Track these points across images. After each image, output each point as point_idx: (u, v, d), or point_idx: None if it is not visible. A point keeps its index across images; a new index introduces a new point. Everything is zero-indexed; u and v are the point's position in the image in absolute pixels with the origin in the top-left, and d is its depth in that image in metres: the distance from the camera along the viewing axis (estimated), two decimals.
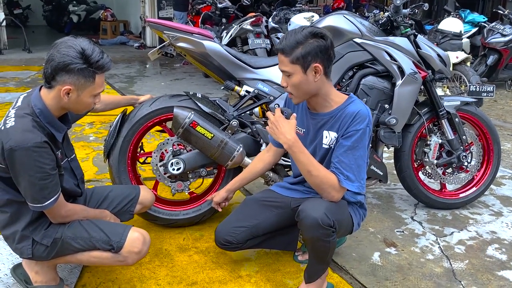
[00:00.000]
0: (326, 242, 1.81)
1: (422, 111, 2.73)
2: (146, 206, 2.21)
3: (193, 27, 2.59)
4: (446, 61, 2.69)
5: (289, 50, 1.77)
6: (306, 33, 1.77)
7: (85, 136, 4.21)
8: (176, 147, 2.44)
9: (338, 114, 1.85)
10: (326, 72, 1.81)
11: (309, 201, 1.87)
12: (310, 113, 1.95)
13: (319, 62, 1.77)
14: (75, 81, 1.64)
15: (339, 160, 1.81)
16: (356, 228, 2.02)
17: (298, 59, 1.76)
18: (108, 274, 2.13)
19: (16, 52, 9.38)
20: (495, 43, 6.29)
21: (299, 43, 1.76)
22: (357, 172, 1.81)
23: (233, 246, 2.11)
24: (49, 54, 1.64)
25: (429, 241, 2.55)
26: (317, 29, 1.79)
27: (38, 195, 1.66)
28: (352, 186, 1.81)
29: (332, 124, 1.87)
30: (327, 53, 1.78)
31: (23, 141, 1.59)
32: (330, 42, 1.78)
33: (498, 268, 2.31)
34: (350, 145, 1.80)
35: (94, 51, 1.65)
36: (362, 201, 2.00)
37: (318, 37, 1.76)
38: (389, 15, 2.59)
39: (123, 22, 12.88)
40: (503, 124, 5.13)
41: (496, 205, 3.05)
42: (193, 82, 7.07)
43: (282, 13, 6.65)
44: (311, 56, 1.75)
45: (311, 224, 1.78)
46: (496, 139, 2.91)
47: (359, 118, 1.80)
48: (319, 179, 1.81)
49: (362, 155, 1.82)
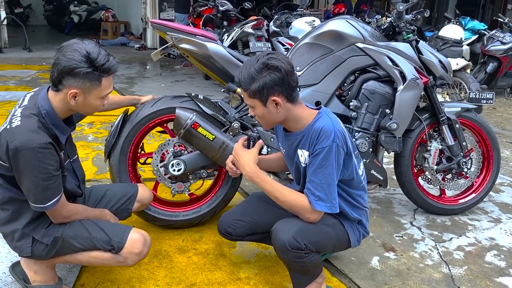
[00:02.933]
0: (300, 262, 1.81)
1: (422, 116, 2.74)
2: (144, 204, 2.20)
3: (196, 29, 2.59)
4: (448, 67, 2.70)
5: (245, 84, 1.73)
6: (260, 66, 1.69)
7: (85, 136, 4.21)
8: (177, 148, 2.44)
9: (307, 132, 1.79)
10: (289, 100, 1.74)
11: (283, 221, 1.85)
12: (285, 134, 1.91)
13: (276, 95, 1.71)
14: (81, 85, 1.65)
15: (310, 180, 1.77)
16: (355, 244, 1.97)
17: (255, 94, 1.71)
18: (107, 274, 2.12)
19: (16, 51, 9.38)
20: (495, 50, 6.31)
21: (252, 78, 1.70)
22: (328, 191, 1.75)
23: (233, 238, 2.12)
24: (55, 57, 1.64)
25: (428, 246, 2.56)
26: (270, 60, 1.70)
27: (40, 195, 1.66)
28: (324, 207, 1.76)
29: (303, 143, 1.81)
30: (284, 84, 1.70)
31: (29, 141, 1.59)
32: (285, 72, 1.69)
33: (497, 274, 2.32)
34: (318, 163, 1.74)
35: (99, 55, 1.65)
36: (360, 218, 1.94)
37: (272, 69, 1.68)
38: (391, 20, 2.60)
39: (124, 23, 12.90)
40: (502, 132, 5.14)
41: (495, 212, 3.06)
42: (193, 84, 7.07)
43: (284, 17, 6.68)
44: (266, 89, 1.69)
45: (279, 247, 1.79)
46: (496, 146, 2.92)
47: (323, 135, 1.73)
48: (288, 204, 1.81)
49: (331, 173, 1.74)
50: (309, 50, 2.56)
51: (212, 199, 2.57)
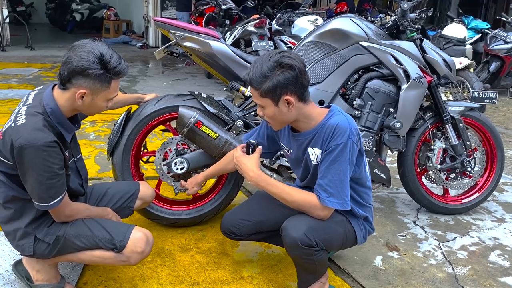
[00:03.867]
0: (310, 260, 1.80)
1: (426, 115, 2.73)
2: (146, 201, 2.19)
3: (200, 27, 2.58)
4: (452, 66, 2.68)
5: (256, 84, 1.69)
6: (273, 64, 1.66)
7: (87, 134, 4.20)
8: (180, 147, 2.43)
9: (319, 130, 1.77)
10: (301, 99, 1.73)
11: (294, 218, 1.83)
12: (293, 134, 1.90)
13: (289, 94, 1.68)
14: (91, 86, 1.65)
15: (322, 176, 1.76)
16: (361, 241, 1.97)
17: (267, 93, 1.68)
18: (109, 273, 2.12)
19: (18, 49, 9.37)
20: (498, 50, 6.30)
21: (265, 76, 1.67)
22: (341, 188, 1.74)
23: (237, 237, 2.10)
24: (67, 56, 1.63)
25: (431, 246, 2.55)
26: (284, 58, 1.67)
27: (44, 194, 1.65)
28: (336, 204, 1.75)
29: (315, 141, 1.79)
30: (297, 83, 1.68)
31: (34, 139, 1.58)
32: (299, 71, 1.67)
33: (501, 274, 2.31)
34: (331, 160, 1.72)
35: (112, 57, 1.65)
36: (366, 214, 1.95)
37: (286, 67, 1.66)
38: (395, 19, 2.59)
39: (126, 21, 12.88)
40: (505, 131, 5.13)
41: (498, 212, 3.05)
42: (196, 82, 7.07)
43: (286, 15, 6.65)
44: (279, 88, 1.67)
45: (290, 244, 1.78)
46: (500, 145, 2.91)
47: (338, 132, 1.72)
48: (296, 204, 1.80)
49: (344, 170, 1.73)
50: (312, 49, 2.55)
51: (215, 198, 2.56)
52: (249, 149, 1.86)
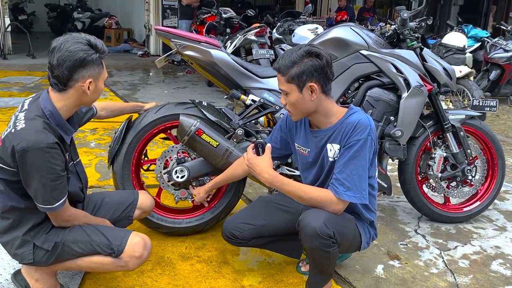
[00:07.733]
0: (326, 252, 1.81)
1: (427, 124, 2.73)
2: (145, 211, 2.18)
3: (200, 36, 2.60)
4: (452, 74, 2.69)
5: (284, 69, 1.79)
6: (302, 53, 1.77)
7: (88, 142, 4.20)
8: (181, 155, 2.43)
9: (339, 126, 1.84)
10: (324, 91, 1.81)
11: (311, 210, 1.86)
12: (312, 131, 1.94)
13: (314, 82, 1.77)
14: (93, 72, 1.69)
15: (340, 171, 1.80)
16: (365, 246, 1.99)
17: (293, 78, 1.77)
18: (109, 281, 2.11)
19: (20, 57, 9.42)
20: (498, 58, 6.32)
21: (294, 62, 1.77)
22: (359, 182, 1.79)
23: (238, 241, 2.10)
24: (56, 58, 1.63)
25: (433, 254, 2.54)
26: (313, 48, 1.78)
27: (48, 196, 1.66)
28: (353, 197, 1.79)
29: (334, 137, 1.85)
30: (323, 72, 1.77)
31: (36, 141, 1.59)
32: (326, 61, 1.77)
33: (503, 283, 2.29)
34: (351, 155, 1.78)
35: (95, 39, 1.71)
36: (372, 219, 1.98)
37: (314, 56, 1.76)
38: (395, 28, 2.60)
39: (127, 30, 12.96)
40: (505, 139, 5.13)
41: (500, 220, 3.04)
42: (196, 90, 7.08)
43: (286, 24, 6.68)
44: (305, 75, 1.76)
45: (310, 234, 1.78)
46: (501, 154, 2.91)
47: (359, 128, 1.78)
48: (313, 200, 1.83)
49: (363, 165, 1.79)
50: None
51: (215, 206, 2.56)
52: (259, 150, 1.89)
